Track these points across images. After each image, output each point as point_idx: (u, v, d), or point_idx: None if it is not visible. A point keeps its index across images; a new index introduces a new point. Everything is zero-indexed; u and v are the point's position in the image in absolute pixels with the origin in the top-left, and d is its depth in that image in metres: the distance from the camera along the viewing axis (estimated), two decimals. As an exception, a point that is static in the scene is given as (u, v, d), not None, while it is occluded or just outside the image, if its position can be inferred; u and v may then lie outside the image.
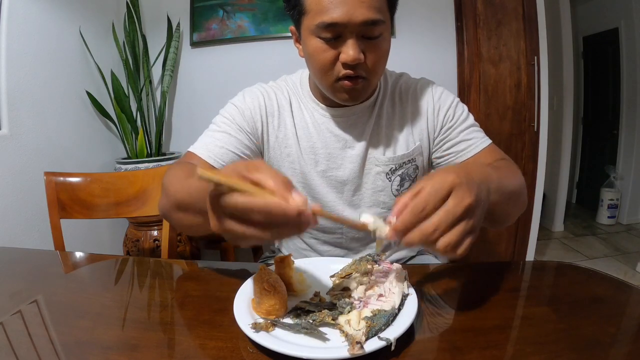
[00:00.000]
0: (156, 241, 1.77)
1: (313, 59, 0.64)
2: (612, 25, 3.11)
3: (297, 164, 0.75)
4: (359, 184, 0.76)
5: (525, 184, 0.65)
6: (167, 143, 2.18)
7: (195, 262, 0.74)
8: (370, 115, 0.75)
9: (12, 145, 1.36)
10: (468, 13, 1.86)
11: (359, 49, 0.60)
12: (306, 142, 0.75)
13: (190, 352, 0.44)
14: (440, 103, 0.74)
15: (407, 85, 0.77)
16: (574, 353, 0.41)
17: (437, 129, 0.75)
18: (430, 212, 0.39)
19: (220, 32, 2.00)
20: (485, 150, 0.72)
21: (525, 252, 2.04)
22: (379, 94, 0.76)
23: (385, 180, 0.75)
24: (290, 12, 0.65)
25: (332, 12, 0.57)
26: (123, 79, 1.87)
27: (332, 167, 0.75)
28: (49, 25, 1.55)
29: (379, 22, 0.59)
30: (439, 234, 0.39)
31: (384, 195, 0.76)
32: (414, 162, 0.76)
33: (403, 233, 0.40)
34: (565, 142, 2.93)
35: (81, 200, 1.05)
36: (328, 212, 0.41)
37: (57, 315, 0.53)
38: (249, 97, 0.75)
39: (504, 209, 0.56)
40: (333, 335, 0.43)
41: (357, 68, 0.62)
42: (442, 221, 0.39)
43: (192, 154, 0.70)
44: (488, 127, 1.90)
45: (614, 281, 0.57)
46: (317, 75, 0.66)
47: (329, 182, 0.76)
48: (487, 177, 0.48)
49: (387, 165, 0.74)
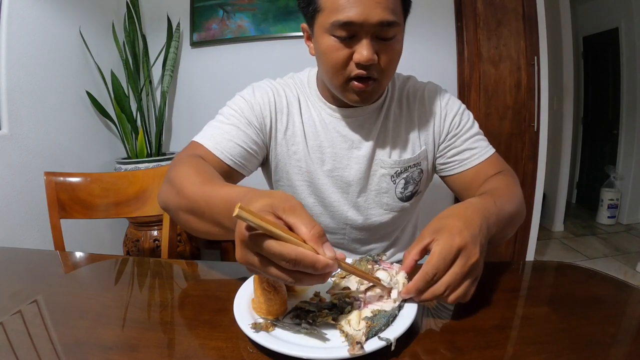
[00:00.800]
0: (156, 241, 1.77)
1: (326, 57, 0.63)
2: (612, 25, 3.11)
3: (304, 162, 0.75)
4: (364, 185, 0.76)
5: (522, 200, 0.65)
6: (167, 143, 2.18)
7: (195, 262, 0.74)
8: (378, 116, 0.75)
9: (12, 145, 1.36)
10: (468, 13, 1.86)
11: (373, 49, 0.59)
12: (313, 141, 0.75)
13: (190, 352, 0.44)
14: (447, 109, 0.75)
15: (414, 89, 0.78)
16: (574, 353, 0.41)
17: (442, 135, 0.75)
18: (440, 277, 0.44)
19: (220, 32, 2.00)
20: (487, 160, 0.73)
21: (525, 252, 2.04)
22: (387, 96, 0.76)
23: (389, 183, 0.75)
24: (305, 9, 0.64)
25: (348, 11, 0.57)
26: (123, 79, 1.87)
27: (338, 167, 0.75)
28: (48, 25, 1.55)
29: (393, 24, 0.59)
30: (450, 292, 0.44)
31: (387, 197, 0.76)
32: (419, 166, 0.76)
33: (416, 296, 0.45)
34: (565, 142, 2.93)
35: (81, 200, 1.05)
36: (351, 265, 0.43)
37: (57, 315, 0.53)
38: (258, 92, 0.74)
39: (502, 234, 0.58)
40: (333, 335, 0.43)
41: (370, 69, 0.61)
42: (451, 282, 0.43)
43: (198, 144, 0.69)
44: (488, 127, 1.90)
45: (614, 281, 0.57)
46: (328, 74, 0.66)
47: (335, 181, 0.76)
48: (487, 216, 0.51)
49: (392, 168, 0.74)
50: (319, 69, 0.71)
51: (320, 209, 0.78)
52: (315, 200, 0.77)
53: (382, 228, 0.80)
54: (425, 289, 0.44)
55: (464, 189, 0.75)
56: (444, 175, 0.78)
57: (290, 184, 0.77)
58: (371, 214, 0.77)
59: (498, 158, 0.74)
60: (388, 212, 0.77)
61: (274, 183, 0.80)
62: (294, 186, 0.77)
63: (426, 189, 0.82)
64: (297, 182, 0.76)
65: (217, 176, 0.59)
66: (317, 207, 0.78)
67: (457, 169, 0.75)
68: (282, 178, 0.78)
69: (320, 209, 0.78)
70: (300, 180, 0.76)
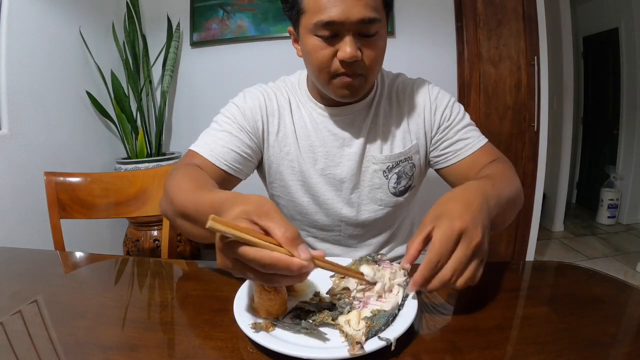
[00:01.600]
0: (156, 241, 1.77)
1: (311, 57, 0.65)
2: (612, 25, 3.10)
3: (296, 162, 0.76)
4: (356, 181, 0.77)
5: (520, 185, 0.66)
6: (167, 143, 2.18)
7: (195, 262, 0.74)
8: (368, 113, 0.76)
9: (12, 145, 1.36)
10: (468, 13, 1.86)
11: (356, 46, 0.61)
12: (305, 141, 0.76)
13: (190, 352, 0.44)
14: (437, 103, 0.76)
15: (403, 85, 0.79)
16: (574, 353, 0.41)
17: (434, 128, 0.76)
18: (444, 262, 0.43)
19: (220, 32, 2.00)
20: (481, 149, 0.73)
21: (525, 252, 2.04)
22: (376, 93, 0.77)
23: (382, 178, 0.76)
24: (289, 12, 0.67)
25: (329, 11, 0.59)
26: (123, 79, 1.87)
27: (330, 166, 0.76)
28: (49, 26, 1.55)
29: (375, 20, 0.60)
30: (456, 277, 0.43)
31: (381, 192, 0.77)
32: (410, 160, 0.77)
33: (423, 285, 0.44)
34: (565, 142, 2.93)
35: (81, 200, 1.05)
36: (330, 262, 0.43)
37: (57, 315, 0.53)
38: (249, 97, 0.76)
39: (503, 217, 0.59)
40: (333, 335, 0.43)
41: (354, 66, 0.63)
42: (457, 267, 0.43)
43: (195, 153, 0.71)
44: (488, 127, 1.90)
45: (614, 281, 0.57)
46: (315, 73, 0.67)
47: (328, 180, 0.77)
48: (487, 197, 0.50)
49: (384, 163, 0.75)
50: (307, 70, 0.73)
51: (314, 208, 0.79)
52: (309, 199, 0.78)
53: (378, 224, 0.80)
54: (432, 277, 0.43)
55: (460, 180, 0.75)
56: (440, 167, 0.78)
57: (284, 184, 0.78)
58: (365, 210, 0.78)
59: (492, 147, 0.75)
60: (382, 207, 0.78)
61: (269, 185, 0.82)
62: (287, 186, 0.78)
63: (420, 184, 0.83)
64: (290, 182, 0.78)
65: (209, 182, 0.60)
66: (311, 206, 0.79)
67: (452, 159, 0.75)
68: (276, 179, 0.79)
69: (314, 208, 0.79)
70: (293, 180, 0.77)
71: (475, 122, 0.79)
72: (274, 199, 0.83)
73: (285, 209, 0.82)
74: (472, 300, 0.48)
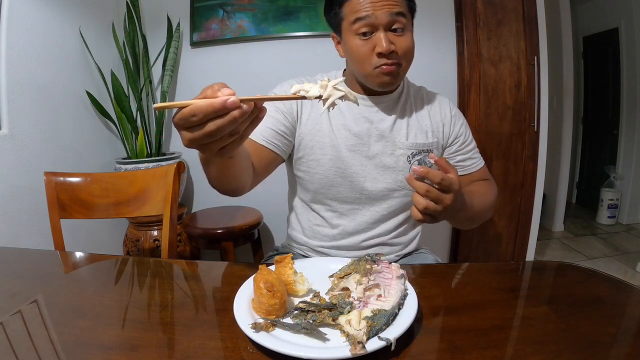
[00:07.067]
0: (156, 241, 1.77)
1: (353, 53, 0.78)
2: (612, 25, 3.10)
3: (327, 138, 0.84)
4: (382, 161, 0.85)
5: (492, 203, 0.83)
6: (167, 143, 2.18)
7: (195, 262, 0.74)
8: (396, 105, 0.86)
9: (12, 145, 1.36)
10: (468, 13, 1.86)
11: (389, 39, 0.73)
12: (338, 120, 0.84)
13: (190, 352, 0.44)
14: (456, 118, 0.90)
15: (428, 94, 0.92)
16: (574, 353, 0.41)
17: (451, 139, 0.89)
18: (440, 182, 0.55)
19: (220, 32, 1.99)
20: (480, 170, 0.91)
21: (525, 252, 2.04)
22: (403, 91, 0.88)
23: (405, 162, 0.85)
24: (332, 20, 0.81)
25: (363, 10, 0.73)
26: (123, 79, 1.87)
27: (359, 143, 0.84)
28: (49, 25, 1.55)
29: (400, 14, 0.73)
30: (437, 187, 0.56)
31: (402, 175, 0.85)
32: (431, 152, 0.86)
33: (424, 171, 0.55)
34: (565, 142, 2.93)
35: (81, 200, 1.04)
36: (252, 97, 0.44)
37: (57, 315, 0.53)
38: (285, 85, 0.85)
39: (460, 216, 0.69)
40: (333, 335, 0.44)
41: (391, 56, 0.75)
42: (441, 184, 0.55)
43: None
44: (488, 127, 1.89)
45: (614, 281, 0.57)
46: (357, 67, 0.79)
47: (355, 155, 0.84)
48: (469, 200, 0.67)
49: (409, 149, 0.85)
50: (349, 66, 0.84)
51: (340, 180, 0.86)
52: (335, 172, 0.85)
53: (394, 204, 0.88)
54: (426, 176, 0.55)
55: None
56: None
57: (313, 157, 0.86)
58: (385, 188, 0.86)
59: (486, 169, 0.92)
60: (401, 189, 0.86)
61: (296, 162, 0.88)
62: (317, 159, 0.85)
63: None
64: (320, 156, 0.85)
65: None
66: (337, 178, 0.86)
67: (460, 172, 0.87)
68: (306, 154, 0.86)
69: (340, 180, 0.86)
70: (322, 154, 0.85)
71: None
72: (298, 175, 0.89)
73: (309, 183, 0.88)
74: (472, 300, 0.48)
